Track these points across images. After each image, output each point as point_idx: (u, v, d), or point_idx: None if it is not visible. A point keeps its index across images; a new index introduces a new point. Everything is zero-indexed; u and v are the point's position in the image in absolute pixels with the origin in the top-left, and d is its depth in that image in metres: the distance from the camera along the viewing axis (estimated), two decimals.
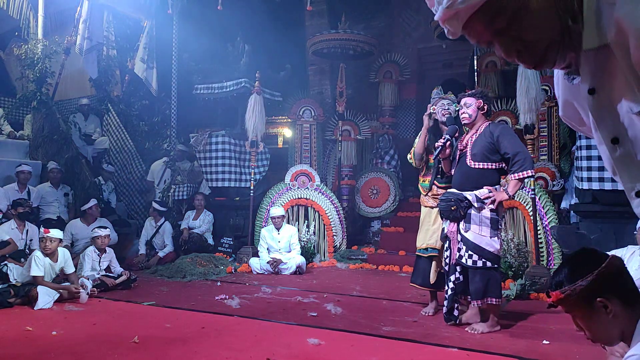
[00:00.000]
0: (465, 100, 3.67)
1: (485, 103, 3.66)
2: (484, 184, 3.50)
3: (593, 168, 5.16)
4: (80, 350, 2.96)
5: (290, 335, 3.36)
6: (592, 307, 1.32)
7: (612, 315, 1.30)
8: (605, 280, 1.30)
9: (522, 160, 3.41)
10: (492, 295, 3.44)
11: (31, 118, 7.31)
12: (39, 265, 4.32)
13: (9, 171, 6.45)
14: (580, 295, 1.31)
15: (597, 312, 1.32)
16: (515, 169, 3.43)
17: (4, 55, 8.76)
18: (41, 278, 4.30)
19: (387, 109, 9.08)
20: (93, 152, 7.86)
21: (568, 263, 1.41)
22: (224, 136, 7.67)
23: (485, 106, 3.65)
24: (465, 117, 3.67)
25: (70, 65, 8.31)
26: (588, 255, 1.38)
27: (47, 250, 4.39)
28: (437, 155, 3.73)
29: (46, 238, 4.39)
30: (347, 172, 8.20)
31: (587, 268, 1.32)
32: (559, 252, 5.34)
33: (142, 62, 8.08)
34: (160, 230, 6.86)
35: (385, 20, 9.77)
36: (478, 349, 3.06)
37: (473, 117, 3.64)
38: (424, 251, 4.06)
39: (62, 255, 4.56)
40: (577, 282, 1.31)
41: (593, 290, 1.30)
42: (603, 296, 1.29)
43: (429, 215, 4.10)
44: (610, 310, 1.29)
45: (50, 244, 4.39)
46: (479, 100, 3.64)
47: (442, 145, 3.67)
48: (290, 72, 8.24)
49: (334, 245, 7.17)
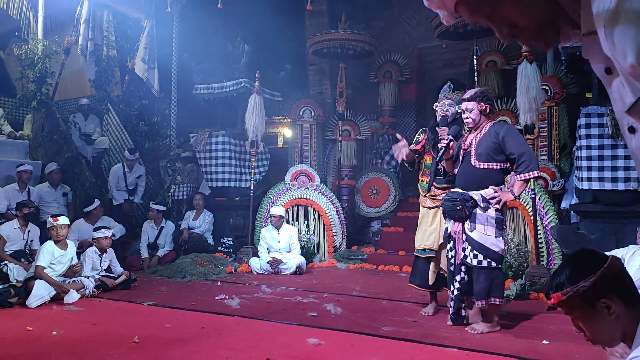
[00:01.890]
0: (467, 105, 3.64)
1: (487, 104, 3.64)
2: (489, 184, 3.50)
3: (593, 168, 5.15)
4: (80, 350, 2.96)
5: (290, 335, 3.36)
6: (594, 309, 1.30)
7: (615, 317, 1.28)
8: (608, 281, 1.28)
9: (527, 161, 3.41)
10: (495, 295, 3.45)
11: (31, 118, 7.31)
12: (45, 255, 4.41)
13: (9, 171, 6.45)
14: (583, 297, 1.29)
15: (599, 313, 1.30)
16: (521, 169, 3.42)
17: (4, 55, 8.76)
18: (42, 269, 4.35)
19: (387, 109, 9.08)
20: (93, 152, 7.86)
21: (568, 264, 1.40)
22: (224, 136, 7.67)
23: (487, 107, 3.64)
24: (469, 122, 3.65)
25: (70, 65, 8.31)
26: (588, 255, 1.37)
27: (60, 237, 4.53)
28: (441, 156, 3.70)
29: (57, 226, 4.51)
30: (347, 172, 8.20)
31: (588, 269, 1.30)
32: (559, 252, 5.34)
33: (143, 63, 8.08)
34: (164, 231, 6.86)
35: (385, 20, 9.77)
36: (478, 349, 3.06)
37: (477, 120, 3.63)
38: (421, 252, 4.06)
39: (71, 245, 4.71)
40: (580, 283, 1.29)
41: (595, 291, 1.28)
42: (606, 297, 1.28)
43: (426, 216, 4.10)
44: (614, 311, 1.27)
45: (62, 230, 4.54)
46: (480, 103, 3.62)
47: (446, 146, 3.65)
48: (290, 72, 8.24)
49: (334, 245, 7.17)
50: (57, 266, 4.49)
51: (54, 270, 4.46)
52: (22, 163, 6.42)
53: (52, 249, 4.49)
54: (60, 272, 4.53)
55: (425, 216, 4.11)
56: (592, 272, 1.29)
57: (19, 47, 7.10)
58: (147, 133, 7.99)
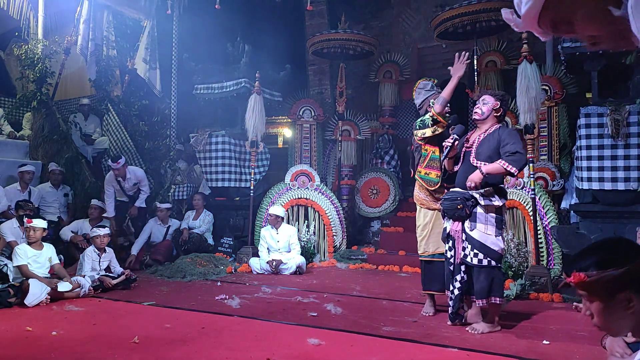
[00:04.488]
0: (484, 97, 3.65)
1: (502, 107, 3.63)
2: (487, 183, 3.50)
3: (593, 168, 5.15)
4: (80, 350, 2.96)
5: (290, 335, 3.36)
6: (612, 298, 1.25)
7: (632, 312, 1.26)
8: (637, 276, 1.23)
9: (516, 158, 3.37)
10: (495, 294, 3.45)
11: (31, 117, 7.31)
12: (20, 256, 4.45)
13: (9, 171, 6.45)
14: (606, 284, 1.24)
15: (617, 304, 1.25)
16: (507, 159, 3.39)
17: (4, 55, 8.76)
18: (26, 267, 4.41)
19: (387, 109, 9.08)
20: (93, 152, 7.86)
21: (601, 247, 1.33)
22: (224, 136, 7.67)
23: (500, 109, 3.62)
24: (477, 113, 3.64)
25: (70, 65, 8.30)
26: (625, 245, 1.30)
27: (32, 239, 4.57)
28: (446, 155, 3.68)
29: (29, 227, 4.56)
30: (347, 172, 8.20)
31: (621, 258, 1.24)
32: (559, 252, 5.34)
33: (145, 63, 8.08)
34: (170, 229, 6.88)
35: (385, 20, 9.78)
36: (478, 349, 3.06)
37: (485, 115, 3.61)
38: (439, 256, 3.90)
39: (48, 246, 4.73)
40: (609, 269, 1.24)
41: (621, 282, 1.23)
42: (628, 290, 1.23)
43: (438, 218, 3.94)
44: (633, 305, 1.23)
45: (34, 232, 4.58)
46: (497, 101, 3.61)
47: (450, 145, 3.63)
48: (290, 72, 8.23)
49: (333, 245, 7.17)
50: (33, 265, 4.51)
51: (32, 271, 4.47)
52: (24, 163, 6.43)
53: (24, 249, 4.53)
54: (40, 272, 4.52)
55: (437, 219, 3.94)
56: (624, 263, 1.24)
57: (19, 47, 7.10)
58: (147, 133, 7.99)
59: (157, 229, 6.84)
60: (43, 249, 4.66)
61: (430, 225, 4.03)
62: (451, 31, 6.98)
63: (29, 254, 4.53)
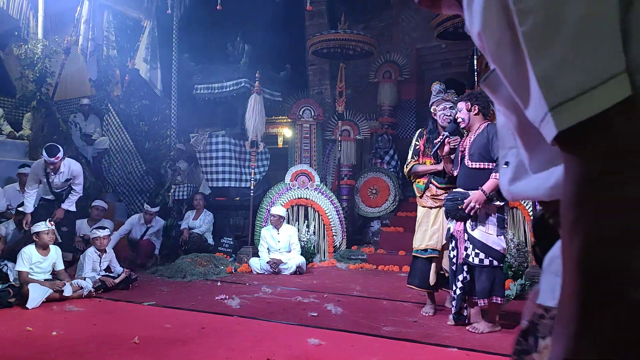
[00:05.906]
0: (458, 106, 3.71)
1: (475, 104, 3.60)
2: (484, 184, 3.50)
3: None
4: (80, 350, 2.96)
5: (290, 335, 3.36)
6: None
7: None
8: None
9: None
10: (497, 294, 3.45)
11: (30, 117, 7.31)
12: (24, 261, 4.37)
13: (9, 171, 6.44)
14: None
15: None
16: (497, 169, 3.40)
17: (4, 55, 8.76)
18: (26, 274, 4.32)
19: (387, 108, 9.08)
20: (93, 152, 7.86)
21: None
22: (224, 136, 7.67)
23: (475, 107, 3.60)
24: (462, 122, 3.68)
25: (70, 65, 8.30)
26: None
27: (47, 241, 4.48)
28: (435, 150, 3.77)
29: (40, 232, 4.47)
30: (346, 172, 8.20)
31: None
32: None
33: (145, 63, 8.08)
34: (150, 230, 6.70)
35: (384, 20, 9.78)
36: (478, 349, 3.06)
37: (467, 120, 3.63)
38: (422, 252, 4.00)
39: (54, 250, 4.64)
40: None
41: None
42: None
43: (427, 215, 4.04)
44: None
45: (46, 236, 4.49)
46: (467, 102, 3.63)
47: (441, 142, 3.69)
48: (290, 72, 8.24)
49: (333, 245, 7.17)
50: (34, 270, 4.42)
51: (33, 276, 4.41)
52: (24, 165, 6.41)
53: (30, 254, 4.43)
54: (43, 277, 4.45)
55: (426, 216, 4.05)
56: None
57: (19, 47, 7.10)
58: (147, 133, 8.00)
59: (138, 227, 6.71)
60: (49, 253, 4.56)
61: (418, 222, 4.12)
62: (451, 31, 6.98)
63: (33, 259, 4.44)
